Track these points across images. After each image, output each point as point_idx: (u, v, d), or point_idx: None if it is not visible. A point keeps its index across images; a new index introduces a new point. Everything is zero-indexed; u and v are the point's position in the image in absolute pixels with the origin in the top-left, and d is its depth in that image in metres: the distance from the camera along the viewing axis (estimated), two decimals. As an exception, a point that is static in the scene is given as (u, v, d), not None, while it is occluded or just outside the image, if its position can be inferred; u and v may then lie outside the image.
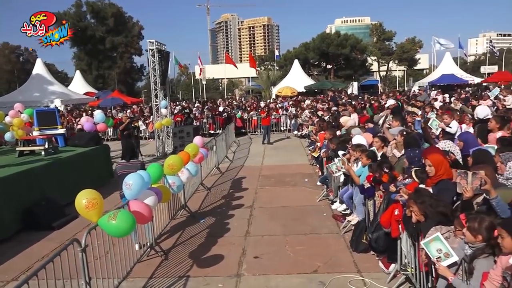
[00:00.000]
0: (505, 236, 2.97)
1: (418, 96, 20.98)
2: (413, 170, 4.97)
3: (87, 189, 4.72)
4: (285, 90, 35.91)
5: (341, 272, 5.73)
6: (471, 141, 5.77)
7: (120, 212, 4.54)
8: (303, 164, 13.56)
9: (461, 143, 5.65)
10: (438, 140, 7.24)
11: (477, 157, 4.83)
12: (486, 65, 53.14)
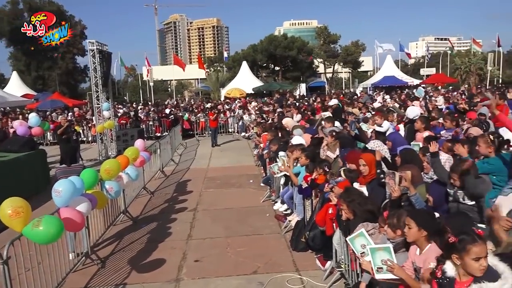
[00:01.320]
0: (413, 226, 3.14)
1: (360, 97, 21.75)
2: (342, 169, 5.14)
3: (13, 197, 4.47)
4: (234, 92, 36.00)
5: (280, 272, 5.81)
6: (398, 141, 6.06)
7: (45, 218, 4.34)
8: (249, 166, 13.63)
9: (390, 143, 5.92)
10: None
11: (404, 156, 5.07)
12: (425, 67, 56.01)
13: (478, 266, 2.51)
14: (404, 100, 15.71)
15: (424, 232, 3.13)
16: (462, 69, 49.42)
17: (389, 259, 3.15)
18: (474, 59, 49.18)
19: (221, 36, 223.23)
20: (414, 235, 3.17)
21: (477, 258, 2.50)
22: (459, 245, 2.57)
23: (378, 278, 3.23)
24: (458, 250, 2.57)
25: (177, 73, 53.79)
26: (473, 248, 2.52)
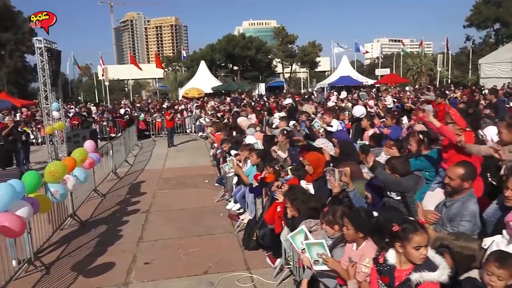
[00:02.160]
0: (350, 227, 3.24)
1: (314, 97, 22.17)
2: (289, 168, 5.22)
3: None
4: (192, 92, 35.66)
5: (231, 271, 5.82)
6: (343, 138, 6.22)
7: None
8: (205, 166, 13.54)
9: (335, 140, 6.08)
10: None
11: (343, 148, 5.21)
12: (379, 68, 57.78)
13: (419, 255, 2.63)
14: (356, 100, 16.15)
15: (361, 233, 3.24)
16: (414, 69, 51.41)
17: (324, 253, 3.25)
18: (425, 60, 51.31)
19: (179, 35, 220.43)
20: (351, 235, 3.28)
21: (418, 247, 2.63)
22: (402, 234, 2.69)
23: (316, 269, 3.33)
24: (401, 239, 2.69)
25: (134, 73, 52.55)
26: (415, 237, 2.64)
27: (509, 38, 46.63)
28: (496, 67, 33.03)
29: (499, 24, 52.22)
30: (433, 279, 2.54)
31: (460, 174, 3.50)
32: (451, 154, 4.25)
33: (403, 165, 4.07)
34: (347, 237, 3.32)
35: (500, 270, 2.48)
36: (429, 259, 2.64)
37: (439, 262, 2.61)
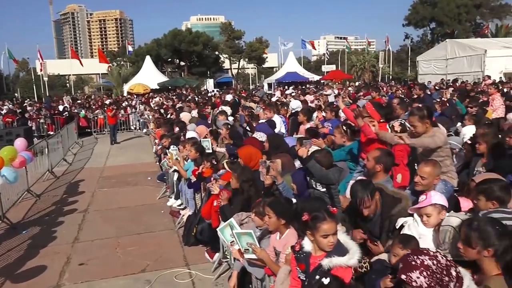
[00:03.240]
0: (272, 215, 3.32)
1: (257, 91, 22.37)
2: (224, 162, 5.24)
3: None
4: (137, 87, 34.75)
5: (169, 268, 5.75)
6: (264, 130, 6.34)
7: None
8: (148, 163, 13.24)
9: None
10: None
11: (271, 141, 5.31)
12: (325, 64, 59.24)
13: (327, 242, 2.72)
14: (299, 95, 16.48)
15: (283, 220, 3.32)
16: (357, 66, 53.23)
17: (252, 242, 3.30)
18: (368, 57, 53.27)
19: (124, 29, 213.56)
20: (274, 223, 3.35)
21: (325, 235, 2.71)
22: (311, 223, 2.78)
23: (246, 257, 3.38)
24: (310, 228, 2.77)
25: (76, 68, 50.28)
26: (322, 226, 2.73)
27: (443, 36, 49.35)
28: (432, 64, 34.76)
29: (434, 23, 55.13)
30: (342, 263, 2.64)
31: (375, 156, 3.72)
32: (369, 149, 4.49)
33: (326, 157, 4.22)
34: (270, 226, 3.38)
35: (404, 251, 2.65)
36: (341, 244, 2.74)
37: (350, 247, 2.73)
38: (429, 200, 2.94)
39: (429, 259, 2.13)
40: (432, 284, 2.07)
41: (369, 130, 4.46)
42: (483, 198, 3.05)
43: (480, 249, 2.39)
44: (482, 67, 28.51)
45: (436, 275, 2.08)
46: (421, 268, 2.09)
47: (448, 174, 3.94)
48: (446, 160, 3.98)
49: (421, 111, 4.08)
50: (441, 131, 4.03)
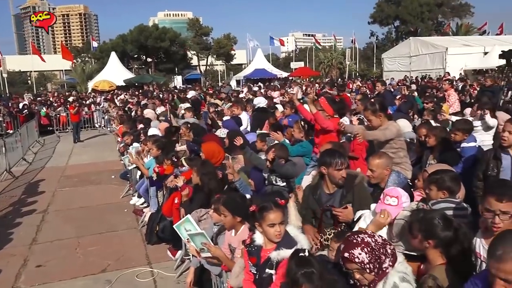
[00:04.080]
0: (227, 214, 3.33)
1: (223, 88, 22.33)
2: (183, 158, 5.21)
3: None
4: (103, 84, 33.90)
5: (131, 267, 5.66)
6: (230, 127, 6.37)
7: None
8: (113, 161, 12.94)
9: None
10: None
11: (230, 136, 5.34)
12: (293, 61, 59.64)
13: (273, 232, 2.74)
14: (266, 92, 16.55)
15: (238, 217, 3.33)
16: (325, 63, 53.88)
17: (206, 242, 3.30)
18: (335, 54, 54.02)
19: (89, 24, 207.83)
20: (229, 222, 3.36)
21: (272, 224, 2.74)
22: (258, 214, 2.80)
23: (203, 256, 3.37)
24: (258, 218, 2.79)
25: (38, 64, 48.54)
26: (268, 215, 2.75)
27: (407, 34, 50.61)
28: (397, 61, 35.62)
29: (398, 21, 56.53)
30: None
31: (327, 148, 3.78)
32: (322, 139, 4.59)
33: (281, 150, 4.26)
34: (226, 224, 3.39)
35: (337, 244, 2.70)
36: (290, 237, 2.77)
37: (300, 239, 2.76)
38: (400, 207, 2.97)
39: (368, 237, 2.29)
40: (372, 260, 2.20)
41: (322, 118, 4.58)
42: (434, 188, 3.14)
43: (422, 239, 2.47)
44: (444, 64, 29.47)
45: (375, 251, 2.22)
46: (362, 245, 2.22)
47: (402, 166, 4.06)
48: (400, 152, 4.10)
49: (374, 105, 4.19)
50: (394, 125, 4.14)
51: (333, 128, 4.63)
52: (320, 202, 3.36)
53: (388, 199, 2.89)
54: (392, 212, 2.87)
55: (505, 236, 1.99)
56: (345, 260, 2.27)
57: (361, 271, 2.22)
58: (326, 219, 3.36)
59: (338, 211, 3.27)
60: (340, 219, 3.28)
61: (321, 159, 3.36)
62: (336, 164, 3.21)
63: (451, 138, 4.61)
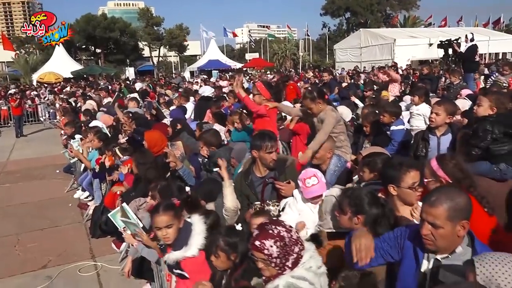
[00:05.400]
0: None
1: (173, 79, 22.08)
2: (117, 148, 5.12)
3: None
4: (48, 76, 32.41)
5: (73, 262, 5.52)
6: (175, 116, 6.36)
7: None
8: (58, 155, 12.35)
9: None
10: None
11: (173, 124, 5.33)
12: (248, 52, 59.62)
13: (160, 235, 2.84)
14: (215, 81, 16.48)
15: None
16: (279, 54, 54.25)
17: (138, 230, 3.28)
18: (289, 45, 54.51)
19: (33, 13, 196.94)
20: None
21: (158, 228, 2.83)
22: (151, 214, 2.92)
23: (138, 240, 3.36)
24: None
25: (-24, 55, 45.68)
26: (155, 218, 2.84)
27: (358, 26, 52.01)
28: (348, 52, 36.51)
29: (349, 13, 57.90)
30: (177, 257, 2.75)
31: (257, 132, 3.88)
32: (257, 124, 4.69)
33: (213, 137, 4.31)
34: None
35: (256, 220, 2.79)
36: (185, 237, 2.83)
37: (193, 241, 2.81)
38: (322, 186, 3.06)
39: (286, 231, 2.16)
40: (280, 256, 2.10)
41: (251, 103, 4.71)
42: (367, 170, 3.28)
43: (351, 215, 2.57)
44: (392, 55, 30.51)
45: (286, 248, 2.12)
46: (276, 238, 2.11)
47: (342, 149, 4.19)
48: (340, 136, 4.22)
49: (312, 93, 4.28)
50: (331, 114, 4.20)
51: (265, 112, 4.72)
52: (252, 186, 3.41)
53: (308, 182, 2.98)
54: (319, 190, 2.97)
55: (443, 187, 2.25)
56: (254, 247, 2.15)
57: (266, 262, 2.13)
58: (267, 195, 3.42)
59: (281, 185, 3.30)
60: (282, 193, 3.32)
61: (251, 142, 3.41)
62: (266, 147, 3.25)
63: (380, 120, 4.82)
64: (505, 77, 7.61)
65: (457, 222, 2.02)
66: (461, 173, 2.79)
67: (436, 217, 2.01)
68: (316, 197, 3.00)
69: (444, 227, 2.00)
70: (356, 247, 2.24)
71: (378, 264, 2.34)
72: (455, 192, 2.10)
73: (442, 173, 2.80)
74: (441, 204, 2.01)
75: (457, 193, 2.09)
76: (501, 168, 3.36)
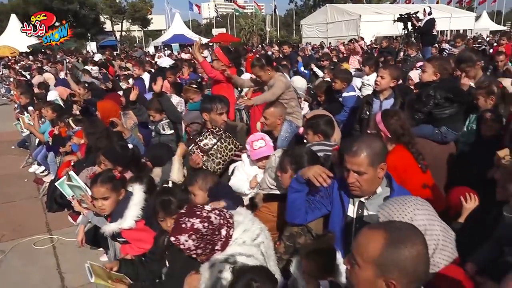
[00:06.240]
0: (107, 163, 3.30)
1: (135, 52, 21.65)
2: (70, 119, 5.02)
3: None
4: (2, 50, 30.90)
5: (29, 236, 5.41)
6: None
7: None
8: (14, 131, 11.91)
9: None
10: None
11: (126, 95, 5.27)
12: (215, 27, 58.54)
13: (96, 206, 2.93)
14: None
15: (119, 167, 3.31)
16: (246, 29, 53.56)
17: (83, 194, 3.25)
18: (256, 20, 53.85)
19: None
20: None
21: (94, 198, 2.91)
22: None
23: (83, 206, 3.32)
24: None
25: None
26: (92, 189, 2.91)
27: (324, 1, 51.81)
28: (315, 28, 36.51)
29: (316, -13, 57.51)
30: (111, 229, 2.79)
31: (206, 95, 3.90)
32: (214, 89, 4.71)
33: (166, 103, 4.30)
34: None
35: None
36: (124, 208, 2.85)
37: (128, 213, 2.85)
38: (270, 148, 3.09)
39: (200, 222, 2.06)
40: (201, 246, 2.07)
41: (208, 67, 4.71)
42: (311, 132, 3.35)
43: (292, 173, 2.64)
44: (358, 31, 30.73)
45: (206, 237, 2.06)
46: (190, 232, 2.04)
47: (293, 115, 4.25)
48: (291, 102, 4.28)
49: (260, 61, 4.30)
50: (281, 79, 4.27)
51: (223, 78, 4.71)
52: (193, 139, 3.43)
53: (256, 144, 3.04)
54: (265, 151, 3.02)
55: (359, 137, 2.43)
56: (172, 241, 2.11)
57: (189, 253, 2.11)
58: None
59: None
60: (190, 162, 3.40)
61: (201, 105, 3.41)
62: (217, 108, 3.27)
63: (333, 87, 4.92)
64: (458, 49, 7.86)
65: (377, 165, 2.21)
66: (401, 129, 2.93)
67: (360, 165, 2.18)
68: (263, 159, 3.04)
69: (368, 172, 2.19)
70: (312, 175, 2.30)
71: (315, 217, 2.44)
72: (371, 139, 2.29)
73: (383, 127, 2.93)
74: (361, 152, 2.18)
75: (372, 140, 2.28)
76: (442, 131, 3.53)
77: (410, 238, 1.37)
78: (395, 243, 1.35)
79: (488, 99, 3.86)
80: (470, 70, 4.26)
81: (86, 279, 4.00)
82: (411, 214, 1.79)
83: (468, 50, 6.16)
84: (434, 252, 1.84)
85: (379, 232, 1.39)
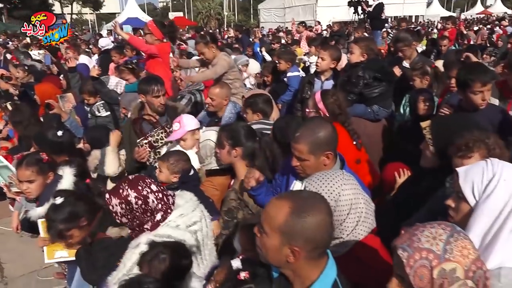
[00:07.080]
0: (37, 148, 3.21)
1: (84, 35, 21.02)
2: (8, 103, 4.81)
3: None
4: None
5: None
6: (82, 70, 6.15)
7: None
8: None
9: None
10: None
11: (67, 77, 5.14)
12: (171, 11, 57.21)
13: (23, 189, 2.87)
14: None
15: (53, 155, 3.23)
16: (203, 13, 52.71)
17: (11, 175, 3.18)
18: (213, 4, 53.05)
19: None
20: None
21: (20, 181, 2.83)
22: None
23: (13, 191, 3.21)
24: None
25: None
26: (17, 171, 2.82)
27: (282, -14, 51.74)
28: (272, 12, 36.47)
29: (274, -29, 57.19)
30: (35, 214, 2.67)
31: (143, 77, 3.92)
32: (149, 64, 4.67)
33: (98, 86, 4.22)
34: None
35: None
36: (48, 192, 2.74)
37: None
38: (183, 130, 3.10)
39: (136, 197, 2.05)
40: (129, 218, 2.08)
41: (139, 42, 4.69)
42: (250, 111, 3.39)
43: (230, 148, 2.67)
44: (314, 16, 30.97)
45: (135, 213, 2.07)
46: (122, 200, 2.05)
47: (237, 96, 4.27)
48: (236, 83, 4.29)
49: (204, 37, 4.28)
50: (224, 58, 4.28)
51: (157, 52, 4.65)
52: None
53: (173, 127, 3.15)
54: (178, 133, 3.09)
55: (307, 122, 2.42)
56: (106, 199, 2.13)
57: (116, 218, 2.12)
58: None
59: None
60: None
61: (138, 87, 3.36)
62: (153, 90, 3.23)
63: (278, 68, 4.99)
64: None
65: (320, 154, 2.21)
66: (339, 108, 3.02)
67: (300, 152, 2.21)
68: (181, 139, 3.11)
69: (309, 159, 2.21)
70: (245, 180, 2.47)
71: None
72: (317, 127, 2.26)
73: (322, 106, 3.01)
74: (303, 140, 2.20)
75: (318, 128, 2.25)
76: (374, 109, 3.67)
77: (314, 207, 1.43)
78: (299, 212, 1.40)
79: (423, 80, 4.05)
80: (406, 49, 4.47)
81: (27, 269, 3.94)
82: (338, 190, 1.83)
83: (404, 30, 6.44)
84: (357, 224, 1.90)
85: (285, 202, 1.44)
